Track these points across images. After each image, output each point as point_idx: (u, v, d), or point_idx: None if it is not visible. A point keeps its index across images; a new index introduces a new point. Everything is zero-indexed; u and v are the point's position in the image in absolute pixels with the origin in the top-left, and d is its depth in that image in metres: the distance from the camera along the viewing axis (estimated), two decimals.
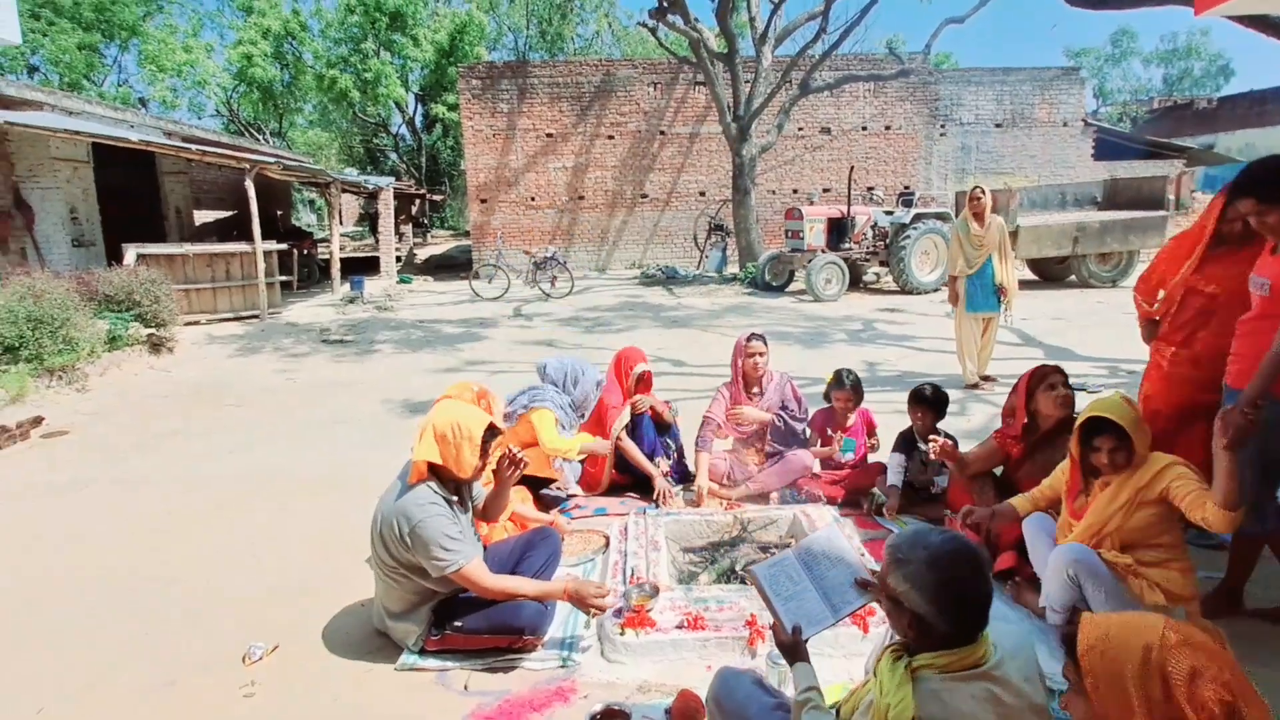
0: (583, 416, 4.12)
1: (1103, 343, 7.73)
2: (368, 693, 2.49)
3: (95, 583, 3.30)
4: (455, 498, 2.62)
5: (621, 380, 4.23)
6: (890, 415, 4.58)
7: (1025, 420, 3.17)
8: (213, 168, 15.90)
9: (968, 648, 1.48)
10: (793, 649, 1.81)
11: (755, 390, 4.11)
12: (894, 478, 3.75)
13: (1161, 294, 3.13)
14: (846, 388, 4.05)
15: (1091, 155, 18.20)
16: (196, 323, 9.98)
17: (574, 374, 4.02)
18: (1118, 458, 2.43)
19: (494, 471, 2.80)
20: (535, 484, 3.87)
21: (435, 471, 2.58)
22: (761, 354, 4.04)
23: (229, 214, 17.30)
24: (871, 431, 4.20)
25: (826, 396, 4.16)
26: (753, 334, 4.10)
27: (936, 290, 12.08)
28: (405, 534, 2.47)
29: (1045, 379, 3.12)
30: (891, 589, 1.54)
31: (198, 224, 15.69)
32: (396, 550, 2.52)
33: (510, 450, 2.77)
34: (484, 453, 2.62)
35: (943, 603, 1.46)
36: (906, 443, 3.82)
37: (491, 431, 2.65)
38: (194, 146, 11.54)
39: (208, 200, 16.90)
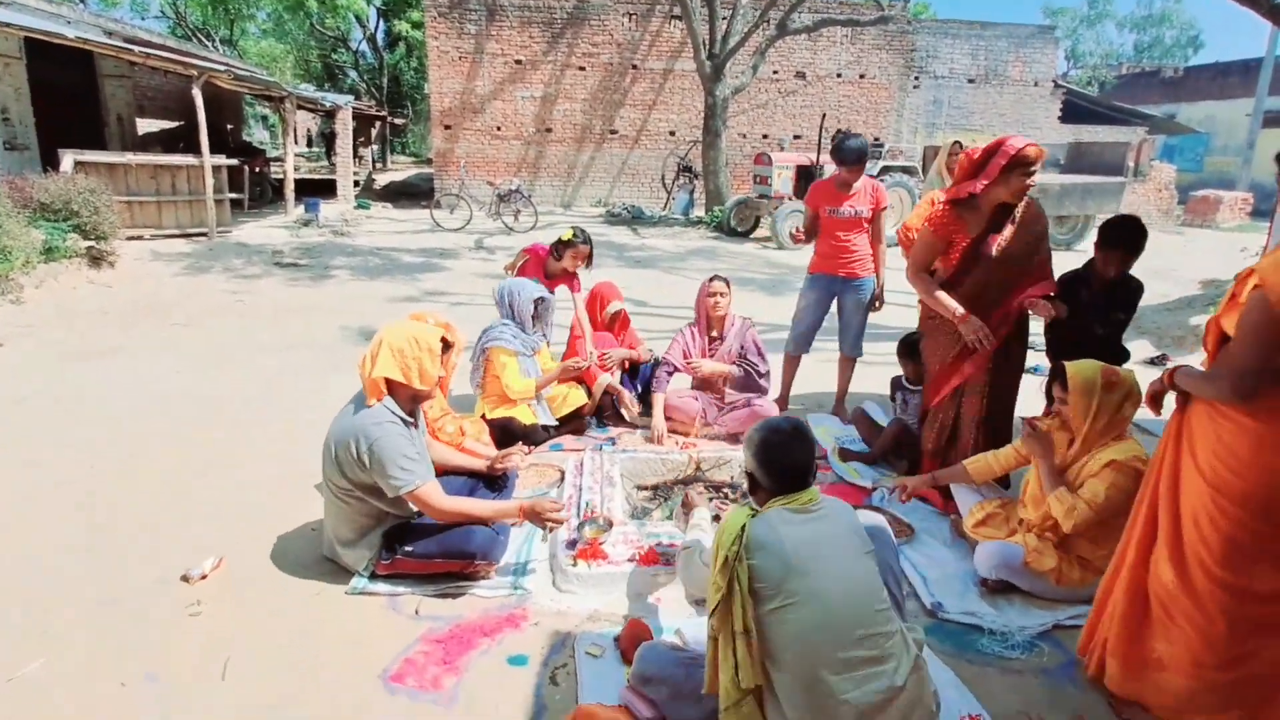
0: (544, 336, 3.96)
1: None
2: (318, 615, 2.50)
3: (30, 500, 3.21)
4: (411, 418, 2.60)
5: (595, 314, 4.22)
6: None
7: (971, 192, 2.96)
8: (157, 73, 14.99)
9: (795, 494, 1.82)
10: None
11: (715, 334, 4.12)
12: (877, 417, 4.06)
13: None
14: None
15: (1058, 117, 18.31)
16: (140, 237, 9.53)
17: (509, 297, 3.83)
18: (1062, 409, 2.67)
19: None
20: (507, 435, 3.62)
21: (391, 390, 2.56)
22: (722, 294, 4.04)
23: (175, 124, 16.38)
24: None
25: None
26: (715, 275, 4.13)
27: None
28: (363, 452, 2.44)
29: (1025, 166, 2.85)
30: (744, 464, 1.95)
31: (141, 133, 14.82)
32: (352, 471, 2.49)
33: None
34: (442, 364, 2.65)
35: (762, 458, 1.86)
36: (899, 388, 3.97)
37: (445, 344, 2.66)
38: (136, 48, 10.81)
39: (152, 109, 15.96)
